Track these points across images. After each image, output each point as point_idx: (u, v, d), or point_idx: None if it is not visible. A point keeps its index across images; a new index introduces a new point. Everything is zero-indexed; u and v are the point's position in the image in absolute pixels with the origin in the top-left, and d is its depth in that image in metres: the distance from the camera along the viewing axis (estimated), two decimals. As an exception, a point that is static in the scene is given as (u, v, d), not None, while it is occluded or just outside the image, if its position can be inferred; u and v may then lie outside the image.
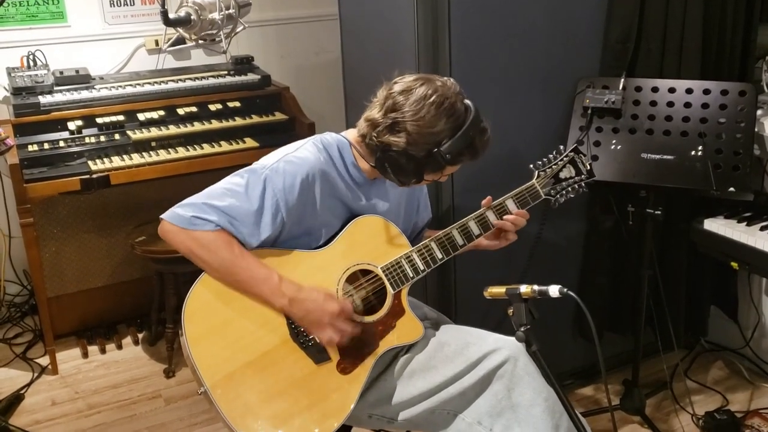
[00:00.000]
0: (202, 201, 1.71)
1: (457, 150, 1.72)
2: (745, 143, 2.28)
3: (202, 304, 1.71)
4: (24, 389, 3.05)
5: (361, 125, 1.80)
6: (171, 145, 3.28)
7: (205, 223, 1.69)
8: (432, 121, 1.70)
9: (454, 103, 1.72)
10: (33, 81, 3.21)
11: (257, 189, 1.71)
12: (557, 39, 2.41)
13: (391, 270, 1.85)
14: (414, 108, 1.70)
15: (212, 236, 1.69)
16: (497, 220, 1.93)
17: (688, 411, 2.71)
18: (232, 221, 1.70)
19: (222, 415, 1.65)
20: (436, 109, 1.70)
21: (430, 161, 1.73)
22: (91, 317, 3.50)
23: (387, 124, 1.72)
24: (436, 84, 1.73)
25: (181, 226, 1.70)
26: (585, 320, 1.61)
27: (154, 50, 3.76)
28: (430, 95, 1.70)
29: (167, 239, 1.74)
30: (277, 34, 4.06)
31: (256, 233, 1.72)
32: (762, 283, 2.88)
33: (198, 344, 1.68)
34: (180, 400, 2.96)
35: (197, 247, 1.70)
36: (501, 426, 1.76)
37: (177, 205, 1.74)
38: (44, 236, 3.28)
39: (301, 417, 1.71)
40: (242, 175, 1.75)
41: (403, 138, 1.71)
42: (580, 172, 2.08)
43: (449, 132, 1.71)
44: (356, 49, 2.67)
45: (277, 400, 1.71)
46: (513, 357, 1.76)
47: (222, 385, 1.67)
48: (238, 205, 1.70)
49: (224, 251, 1.69)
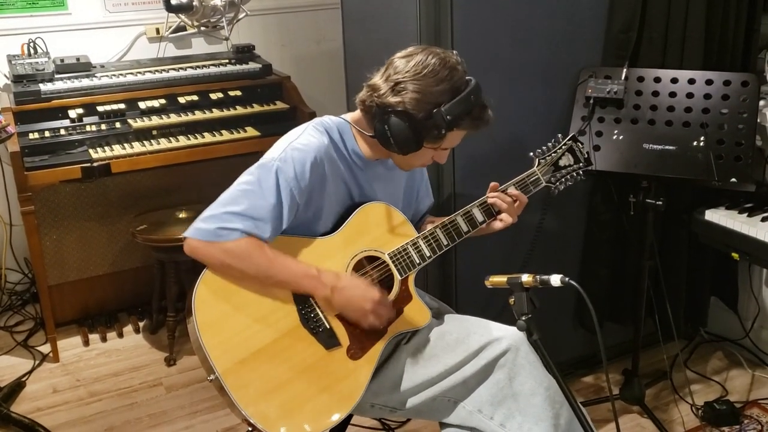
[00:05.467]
0: (222, 210, 1.69)
1: (457, 112, 1.70)
2: (747, 134, 2.28)
3: (212, 292, 1.71)
4: (25, 377, 3.06)
5: (362, 93, 1.79)
6: (172, 133, 3.27)
7: (231, 232, 1.67)
8: (433, 82, 1.70)
9: (454, 67, 1.72)
10: (34, 69, 3.21)
11: (270, 182, 1.70)
12: (559, 28, 2.40)
13: (399, 256, 1.86)
14: (415, 69, 1.70)
15: (243, 245, 1.67)
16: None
17: (688, 401, 2.72)
18: (257, 223, 1.68)
19: (234, 401, 1.65)
20: (437, 70, 1.70)
21: (429, 124, 1.71)
22: (92, 305, 3.51)
23: (389, 87, 1.72)
24: (437, 51, 1.74)
25: (208, 240, 1.68)
26: (586, 310, 1.62)
27: (155, 38, 3.75)
28: (431, 59, 1.71)
29: (197, 256, 1.71)
30: (279, 23, 4.05)
31: (279, 227, 1.72)
32: (762, 273, 2.89)
33: (208, 331, 1.68)
34: (181, 388, 2.97)
35: (230, 258, 1.68)
36: (502, 414, 1.77)
37: (197, 220, 1.71)
38: (45, 224, 3.29)
39: (312, 402, 1.72)
40: (252, 172, 1.74)
41: (405, 97, 1.70)
42: (578, 160, 2.10)
43: (450, 94, 1.71)
44: (358, 38, 2.66)
45: (288, 386, 1.71)
46: (514, 346, 1.77)
47: (233, 371, 1.67)
48: (257, 204, 1.69)
49: (258, 257, 1.68)
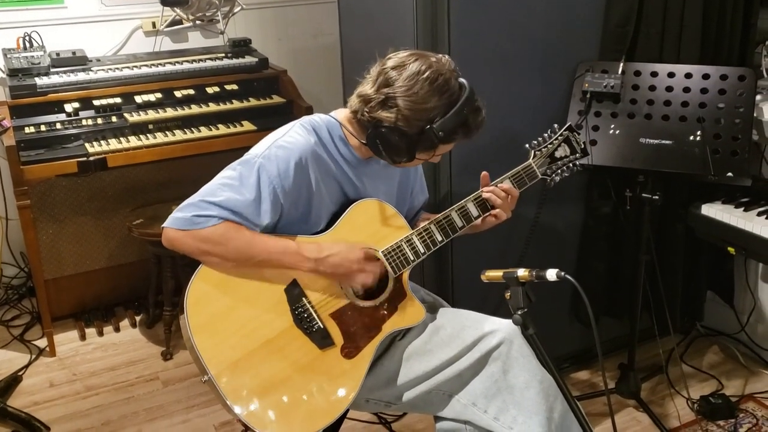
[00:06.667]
0: (199, 199, 1.68)
1: (450, 128, 1.69)
2: (744, 128, 2.28)
3: (204, 293, 1.70)
4: (22, 371, 3.06)
5: (353, 101, 1.76)
6: (168, 127, 3.26)
7: (207, 219, 1.66)
8: (425, 98, 1.67)
9: (448, 80, 1.69)
10: (29, 62, 3.20)
11: (252, 179, 1.68)
12: (557, 22, 2.40)
13: (392, 253, 1.85)
14: (407, 83, 1.67)
15: (220, 229, 1.66)
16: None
17: (684, 395, 2.73)
18: (233, 214, 1.67)
19: (227, 403, 1.65)
20: (429, 85, 1.66)
21: (422, 139, 1.70)
22: (89, 300, 3.51)
23: (379, 100, 1.69)
24: (431, 60, 1.70)
25: (184, 228, 1.67)
26: (582, 304, 1.62)
27: (151, 32, 3.74)
28: (423, 71, 1.67)
29: (175, 247, 1.70)
30: (275, 17, 4.04)
31: (258, 222, 1.71)
32: (758, 268, 2.89)
33: (201, 333, 1.67)
34: (177, 382, 2.97)
35: (207, 245, 1.67)
36: (496, 407, 1.77)
37: (175, 211, 1.70)
38: (41, 219, 3.28)
39: (306, 402, 1.72)
40: (234, 167, 1.72)
41: (395, 114, 1.67)
42: (574, 151, 2.10)
43: (442, 109, 1.68)
44: (355, 32, 2.65)
45: (282, 386, 1.71)
46: (508, 339, 1.77)
47: (227, 373, 1.67)
48: (236, 198, 1.67)
49: (236, 239, 1.67)
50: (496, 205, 1.93)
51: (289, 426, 1.69)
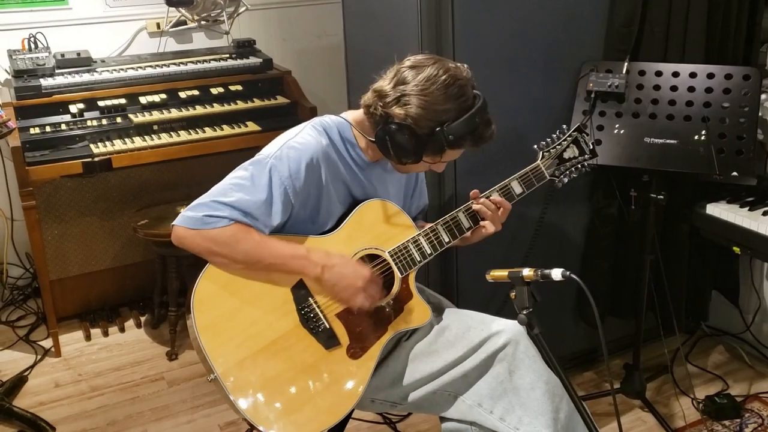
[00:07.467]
0: (210, 199, 1.69)
1: (460, 133, 1.70)
2: (749, 128, 2.27)
3: (210, 293, 1.70)
4: (27, 371, 3.07)
5: (367, 96, 1.77)
6: (173, 128, 3.27)
7: (218, 220, 1.66)
8: (439, 99, 1.68)
9: (463, 86, 1.70)
10: (34, 63, 3.20)
11: (263, 179, 1.69)
12: (561, 22, 2.40)
13: (399, 254, 1.85)
14: (423, 84, 1.68)
15: (229, 231, 1.67)
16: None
17: (689, 395, 2.72)
18: (245, 215, 1.68)
19: (233, 402, 1.65)
20: (445, 88, 1.68)
21: (431, 140, 1.71)
22: (94, 300, 3.52)
23: (394, 96, 1.70)
24: (449, 65, 1.72)
25: (194, 228, 1.67)
26: (587, 304, 1.62)
27: (155, 33, 3.74)
28: (441, 74, 1.69)
29: (183, 245, 1.71)
30: (279, 17, 4.04)
31: (269, 223, 1.71)
32: (763, 267, 2.88)
33: (208, 332, 1.67)
34: (183, 382, 2.98)
35: (216, 245, 1.67)
36: (501, 408, 1.77)
37: (186, 209, 1.71)
38: (47, 219, 3.29)
39: (312, 402, 1.72)
40: (246, 167, 1.73)
41: (409, 111, 1.68)
42: (583, 152, 2.08)
43: (455, 113, 1.69)
44: (359, 32, 2.65)
45: (288, 386, 1.71)
46: (514, 340, 1.77)
47: (233, 372, 1.67)
48: (248, 198, 1.68)
49: (245, 242, 1.67)
50: (485, 217, 1.91)
51: (295, 425, 1.69)
